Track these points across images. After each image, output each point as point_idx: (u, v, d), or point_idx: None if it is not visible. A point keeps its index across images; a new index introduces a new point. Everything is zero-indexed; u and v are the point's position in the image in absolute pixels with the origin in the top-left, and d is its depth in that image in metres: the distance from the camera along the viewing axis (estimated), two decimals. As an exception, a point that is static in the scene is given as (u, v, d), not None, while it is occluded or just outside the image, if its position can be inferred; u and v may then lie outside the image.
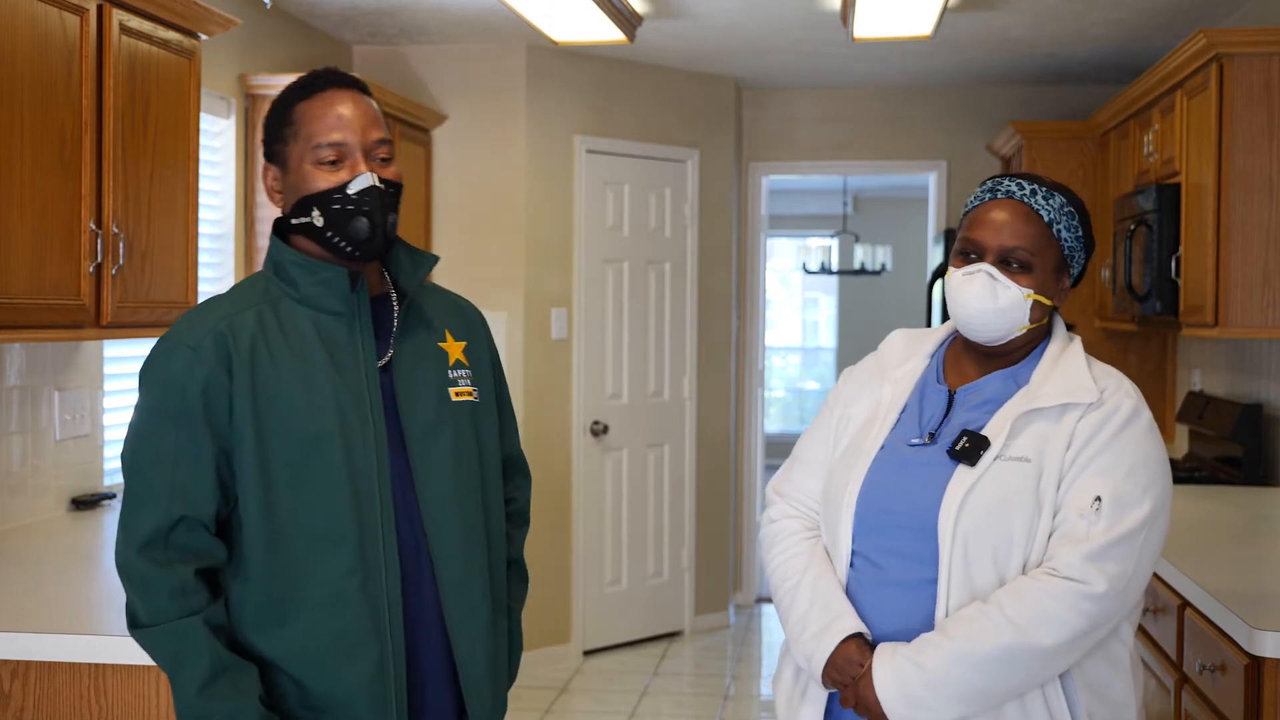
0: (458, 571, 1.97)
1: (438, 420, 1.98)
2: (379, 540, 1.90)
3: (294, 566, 1.88)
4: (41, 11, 2.79)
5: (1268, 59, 3.79)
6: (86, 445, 3.61)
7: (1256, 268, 3.80)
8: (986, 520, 1.89)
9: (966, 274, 1.99)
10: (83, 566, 2.92)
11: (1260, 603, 2.55)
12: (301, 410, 1.88)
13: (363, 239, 1.92)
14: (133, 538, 1.86)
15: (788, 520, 2.12)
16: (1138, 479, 1.90)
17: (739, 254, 6.61)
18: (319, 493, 1.88)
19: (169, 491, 1.86)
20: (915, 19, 4.56)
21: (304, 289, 1.94)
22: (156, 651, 1.87)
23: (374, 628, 1.89)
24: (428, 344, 2.03)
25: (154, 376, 1.91)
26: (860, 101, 6.54)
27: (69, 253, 2.91)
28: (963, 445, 1.94)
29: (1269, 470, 4.21)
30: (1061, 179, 5.58)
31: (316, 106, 1.93)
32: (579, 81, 5.72)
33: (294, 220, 1.95)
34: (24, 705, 2.23)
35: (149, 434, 1.89)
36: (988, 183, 2.05)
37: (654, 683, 5.40)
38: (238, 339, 1.89)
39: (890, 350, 2.14)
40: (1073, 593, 1.84)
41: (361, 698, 1.89)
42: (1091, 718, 1.91)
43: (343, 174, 1.92)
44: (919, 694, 1.86)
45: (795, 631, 1.99)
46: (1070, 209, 2.01)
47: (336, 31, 5.27)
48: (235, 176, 4.50)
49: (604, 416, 5.83)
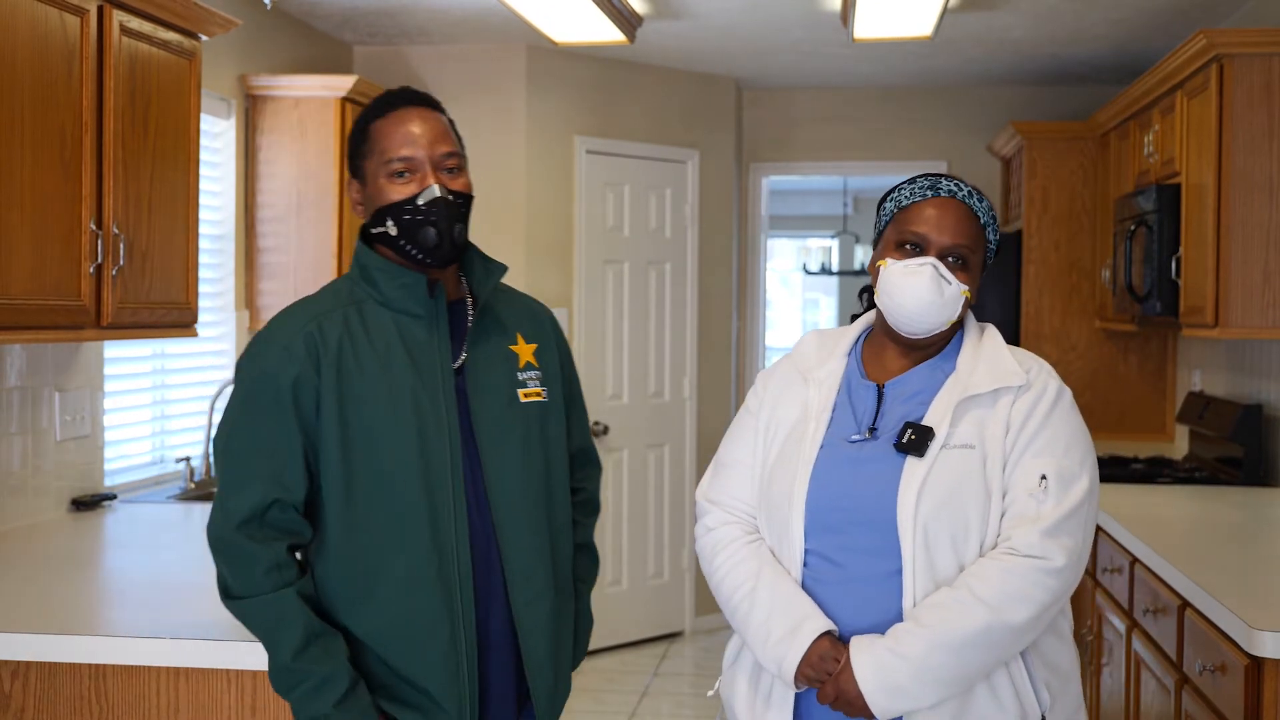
0: (524, 560, 2.10)
1: (507, 419, 2.13)
2: (451, 529, 2.04)
3: (372, 551, 2.03)
4: (42, 12, 2.79)
5: (1268, 59, 3.79)
6: (87, 446, 3.61)
7: (1256, 268, 3.80)
8: (943, 509, 1.95)
9: (912, 267, 2.03)
10: (83, 567, 2.92)
11: (1260, 603, 2.55)
12: (382, 406, 2.03)
13: (431, 246, 2.06)
14: (231, 516, 2.01)
15: (727, 527, 2.13)
16: (1074, 454, 1.99)
17: (739, 254, 6.61)
18: (396, 483, 2.03)
19: (265, 476, 2.01)
20: (915, 19, 4.56)
21: (386, 292, 2.09)
22: (252, 621, 2.02)
23: (447, 609, 2.03)
24: (499, 347, 2.17)
25: (249, 372, 2.06)
26: (860, 102, 6.54)
27: (69, 253, 2.91)
28: (909, 437, 1.99)
29: (1269, 470, 4.21)
30: (1062, 179, 5.59)
31: (389, 124, 2.09)
32: (579, 82, 5.72)
33: (373, 230, 2.11)
34: (24, 706, 2.23)
35: (246, 423, 2.04)
36: (923, 180, 2.09)
37: (654, 683, 5.40)
38: (325, 339, 2.04)
39: (806, 353, 2.17)
40: (1036, 569, 1.91)
41: (436, 672, 2.02)
42: (1048, 688, 1.99)
43: (412, 186, 2.07)
44: (901, 682, 1.89)
45: (759, 637, 2.00)
46: (994, 213, 2.10)
47: (337, 32, 5.27)
48: (235, 177, 4.51)
49: (604, 417, 5.83)
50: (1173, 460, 4.85)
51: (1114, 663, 3.57)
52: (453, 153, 2.11)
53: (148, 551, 3.13)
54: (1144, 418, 5.60)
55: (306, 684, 1.98)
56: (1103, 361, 5.63)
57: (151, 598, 2.60)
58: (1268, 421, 4.23)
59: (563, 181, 5.67)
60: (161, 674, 2.21)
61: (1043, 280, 5.63)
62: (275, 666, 2.00)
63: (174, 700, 2.21)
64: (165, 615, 2.40)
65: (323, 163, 4.52)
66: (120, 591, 2.71)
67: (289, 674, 1.98)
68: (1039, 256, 5.62)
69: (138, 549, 3.15)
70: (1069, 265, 5.62)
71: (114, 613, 2.51)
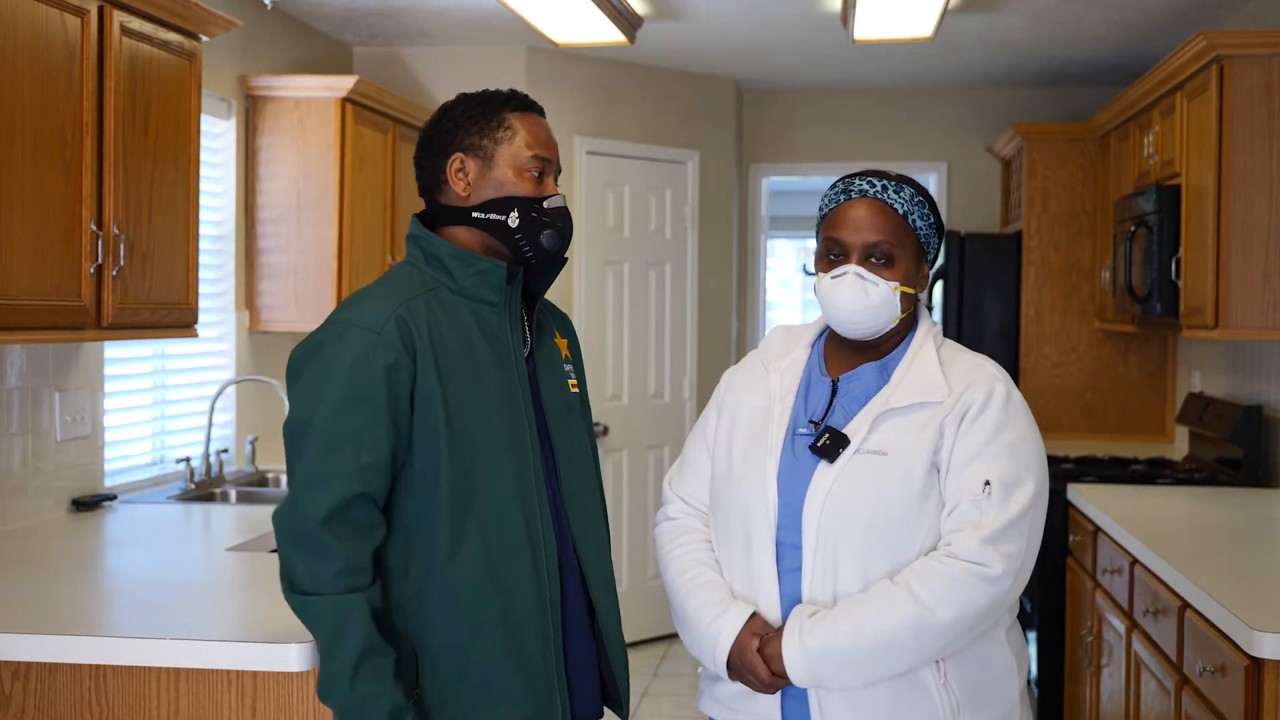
0: (594, 542, 2.15)
1: (568, 407, 2.18)
2: (537, 514, 2.05)
3: (481, 555, 2.00)
4: (43, 13, 2.79)
5: (1268, 61, 3.79)
6: (87, 446, 3.61)
7: (1256, 269, 3.80)
8: (847, 513, 1.98)
9: (835, 277, 2.06)
10: (83, 568, 2.92)
11: (1260, 604, 2.55)
12: (475, 393, 2.02)
13: (548, 250, 2.10)
14: (314, 509, 1.92)
15: (688, 518, 2.20)
16: (1019, 458, 1.99)
17: (739, 255, 6.61)
18: (491, 471, 2.01)
19: (353, 469, 1.93)
20: (916, 20, 4.56)
21: (460, 280, 2.06)
22: (315, 619, 1.94)
23: (538, 601, 2.03)
24: (550, 339, 2.22)
25: (335, 356, 1.96)
26: (861, 103, 6.54)
27: (70, 254, 2.91)
28: (824, 442, 2.01)
29: (1269, 472, 4.21)
30: (1062, 180, 5.60)
31: (532, 121, 2.11)
32: (579, 83, 5.72)
33: (479, 214, 2.08)
34: (25, 706, 2.23)
35: (333, 411, 1.94)
36: (839, 184, 2.11)
37: (654, 683, 5.40)
38: (417, 323, 1.99)
39: (772, 345, 2.21)
40: (972, 574, 1.93)
41: (534, 671, 2.03)
42: (973, 690, 2.00)
43: (541, 187, 2.10)
44: (822, 660, 1.93)
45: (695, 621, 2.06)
46: (920, 199, 2.09)
47: (337, 33, 5.27)
48: (236, 177, 4.51)
49: (604, 418, 5.83)
50: (1173, 461, 4.84)
51: (1114, 664, 3.57)
52: (560, 170, 2.15)
53: (148, 551, 3.13)
54: (1144, 419, 5.60)
55: (353, 698, 1.91)
56: (1103, 362, 5.63)
57: (151, 598, 2.60)
58: (1267, 422, 4.23)
59: (563, 182, 5.66)
60: (161, 674, 2.20)
61: (1043, 281, 5.63)
62: (328, 672, 1.94)
63: (174, 700, 2.21)
64: (165, 615, 2.40)
65: (323, 163, 4.52)
66: (120, 592, 2.71)
67: (340, 682, 1.92)
68: (1039, 258, 5.63)
69: (138, 549, 3.15)
70: (1069, 266, 5.62)
71: (114, 613, 2.51)
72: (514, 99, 2.12)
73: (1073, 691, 4.23)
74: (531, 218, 2.07)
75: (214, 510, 3.73)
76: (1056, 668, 4.45)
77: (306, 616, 1.96)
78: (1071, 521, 4.27)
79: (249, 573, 2.81)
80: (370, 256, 4.71)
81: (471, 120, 2.10)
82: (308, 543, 1.93)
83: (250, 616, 2.45)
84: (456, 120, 2.11)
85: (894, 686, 1.98)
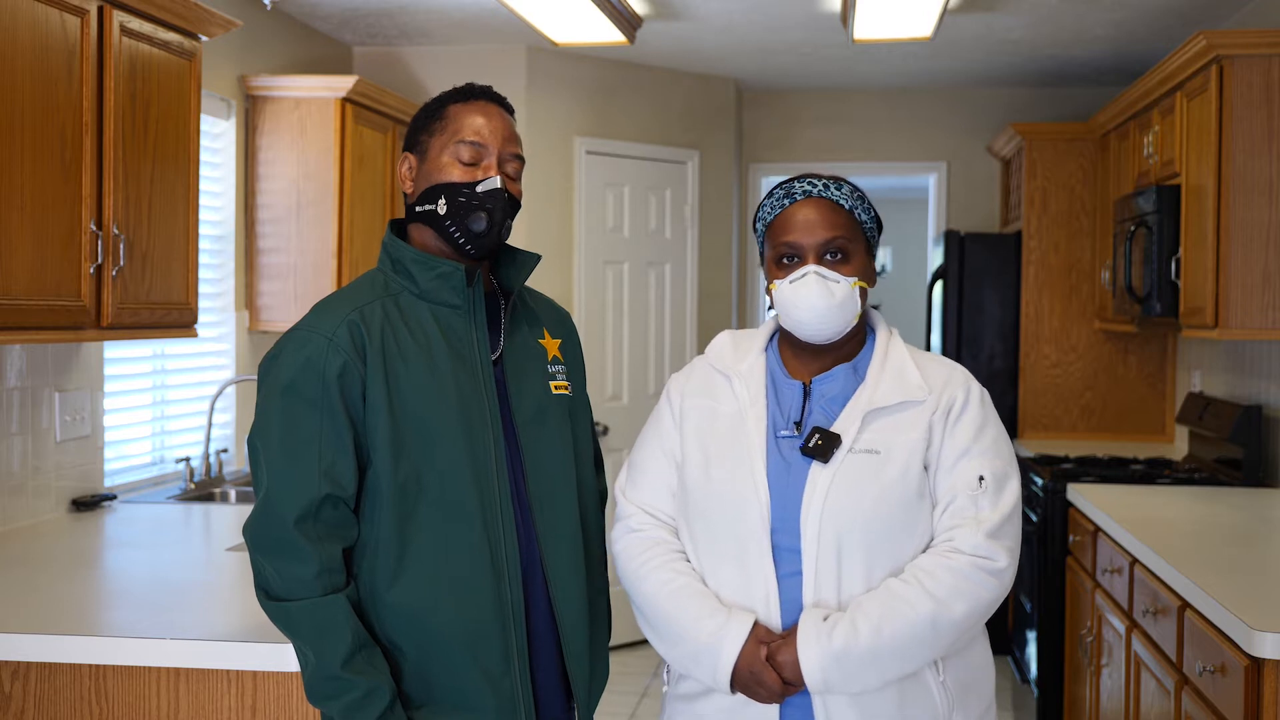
0: (563, 551, 2.10)
1: (542, 410, 2.13)
2: (499, 520, 2.02)
3: (427, 551, 1.98)
4: (42, 13, 2.79)
5: (1267, 61, 3.79)
6: (87, 446, 3.61)
7: (1256, 269, 3.80)
8: (847, 513, 1.96)
9: (796, 280, 2.02)
10: (83, 567, 2.92)
11: (1260, 603, 2.55)
12: (429, 396, 2.00)
13: (476, 233, 2.04)
14: (285, 513, 1.93)
15: (655, 529, 2.13)
16: (1001, 453, 2.03)
17: (739, 255, 6.61)
18: (445, 475, 1.99)
19: (318, 471, 1.94)
20: (915, 20, 4.56)
21: (422, 283, 2.06)
22: (295, 625, 1.94)
23: (497, 605, 2.00)
24: (530, 340, 2.17)
25: (291, 363, 1.98)
26: (860, 103, 6.54)
27: (69, 254, 2.91)
28: (816, 442, 1.99)
29: (1269, 472, 4.21)
30: (1061, 180, 5.60)
31: (470, 109, 2.08)
32: (579, 83, 5.72)
33: (418, 208, 2.07)
34: (24, 706, 2.23)
35: (293, 417, 1.96)
36: (777, 191, 2.08)
37: (654, 684, 5.40)
38: (369, 328, 1.99)
39: (722, 351, 2.15)
40: (979, 568, 1.95)
41: (495, 674, 2.00)
42: (964, 685, 2.01)
43: (475, 174, 2.05)
44: (844, 669, 1.90)
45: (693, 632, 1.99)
46: (858, 193, 2.09)
47: (337, 33, 5.27)
48: (235, 177, 4.51)
49: (604, 417, 5.83)
50: (1172, 461, 4.84)
51: (1114, 664, 3.57)
52: (519, 155, 2.10)
53: (148, 551, 3.12)
54: (1144, 418, 5.61)
55: (352, 694, 1.91)
56: (1102, 362, 5.63)
57: (151, 598, 2.60)
58: (1267, 422, 4.23)
59: (563, 182, 5.67)
60: (161, 674, 2.20)
61: (1042, 281, 5.63)
62: (320, 675, 1.92)
63: (174, 700, 2.21)
64: (165, 615, 2.40)
65: (323, 163, 4.52)
66: (120, 592, 2.71)
67: (335, 683, 1.91)
68: (1039, 258, 5.63)
69: (138, 549, 3.15)
70: (1069, 266, 5.62)
71: (114, 613, 2.51)
72: (461, 91, 2.10)
73: (1073, 691, 4.23)
74: (459, 202, 2.03)
75: (214, 510, 3.73)
76: (1056, 668, 4.45)
77: (285, 622, 1.95)
78: (1071, 521, 4.27)
79: (249, 573, 2.79)
80: (370, 256, 4.71)
81: (422, 119, 2.11)
82: (282, 547, 1.93)
83: (250, 616, 2.45)
84: (414, 121, 2.14)
85: (900, 687, 1.97)
